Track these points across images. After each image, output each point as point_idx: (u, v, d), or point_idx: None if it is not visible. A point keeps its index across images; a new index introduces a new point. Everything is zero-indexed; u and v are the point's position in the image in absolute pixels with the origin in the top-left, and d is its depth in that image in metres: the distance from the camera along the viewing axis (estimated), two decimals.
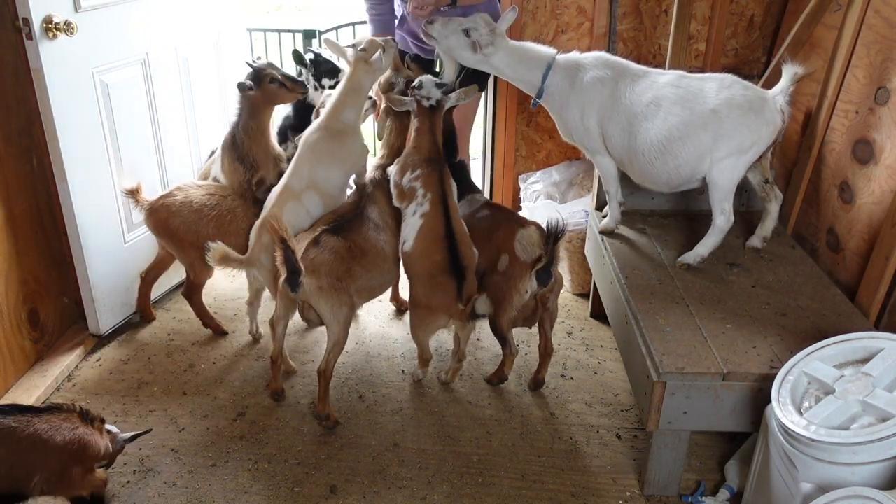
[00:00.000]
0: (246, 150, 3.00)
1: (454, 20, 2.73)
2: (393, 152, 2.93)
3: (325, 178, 2.83)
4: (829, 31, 3.03)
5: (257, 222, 2.81)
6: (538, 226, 2.72)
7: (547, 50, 2.77)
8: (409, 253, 2.67)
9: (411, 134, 2.78)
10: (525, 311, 2.72)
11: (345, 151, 2.85)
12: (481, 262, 2.71)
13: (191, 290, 3.17)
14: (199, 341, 3.22)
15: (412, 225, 2.67)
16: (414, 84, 2.73)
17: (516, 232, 2.66)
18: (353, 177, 2.96)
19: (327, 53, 3.46)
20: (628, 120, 2.67)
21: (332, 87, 3.31)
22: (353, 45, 2.81)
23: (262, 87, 2.94)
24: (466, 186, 2.97)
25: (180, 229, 2.97)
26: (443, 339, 3.22)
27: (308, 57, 3.46)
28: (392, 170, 2.79)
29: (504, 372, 2.90)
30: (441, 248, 2.59)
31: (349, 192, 3.02)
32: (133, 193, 2.99)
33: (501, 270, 2.64)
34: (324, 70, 3.45)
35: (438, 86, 2.70)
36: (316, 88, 3.44)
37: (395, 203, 2.78)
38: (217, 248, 2.65)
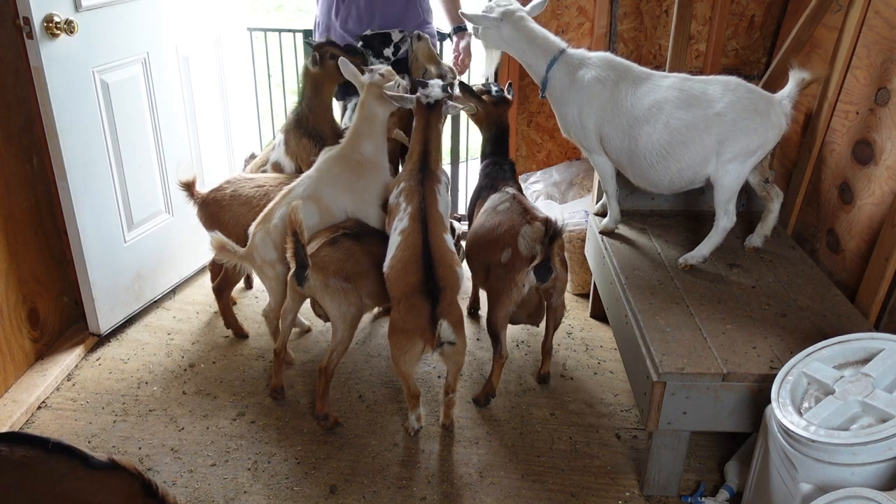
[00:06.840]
0: (312, 125, 3.05)
1: None
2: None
3: (331, 197, 2.75)
4: (829, 32, 3.03)
5: (257, 219, 2.79)
6: (546, 221, 2.58)
7: (557, 42, 2.77)
8: (388, 274, 2.51)
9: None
10: (528, 307, 2.71)
11: (360, 185, 2.77)
12: (489, 254, 2.69)
13: (223, 284, 3.13)
14: (199, 341, 3.22)
15: (392, 243, 2.54)
16: (423, 80, 2.66)
17: (522, 227, 2.65)
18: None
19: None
20: (629, 123, 2.66)
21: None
22: (371, 70, 2.75)
23: (324, 64, 2.98)
24: (509, 180, 2.99)
25: (230, 223, 2.95)
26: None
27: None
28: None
29: (493, 384, 2.77)
30: (417, 267, 2.42)
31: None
32: (188, 186, 3.00)
33: (504, 263, 2.63)
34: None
35: (444, 89, 2.63)
36: None
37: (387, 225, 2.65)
38: (216, 237, 2.66)
